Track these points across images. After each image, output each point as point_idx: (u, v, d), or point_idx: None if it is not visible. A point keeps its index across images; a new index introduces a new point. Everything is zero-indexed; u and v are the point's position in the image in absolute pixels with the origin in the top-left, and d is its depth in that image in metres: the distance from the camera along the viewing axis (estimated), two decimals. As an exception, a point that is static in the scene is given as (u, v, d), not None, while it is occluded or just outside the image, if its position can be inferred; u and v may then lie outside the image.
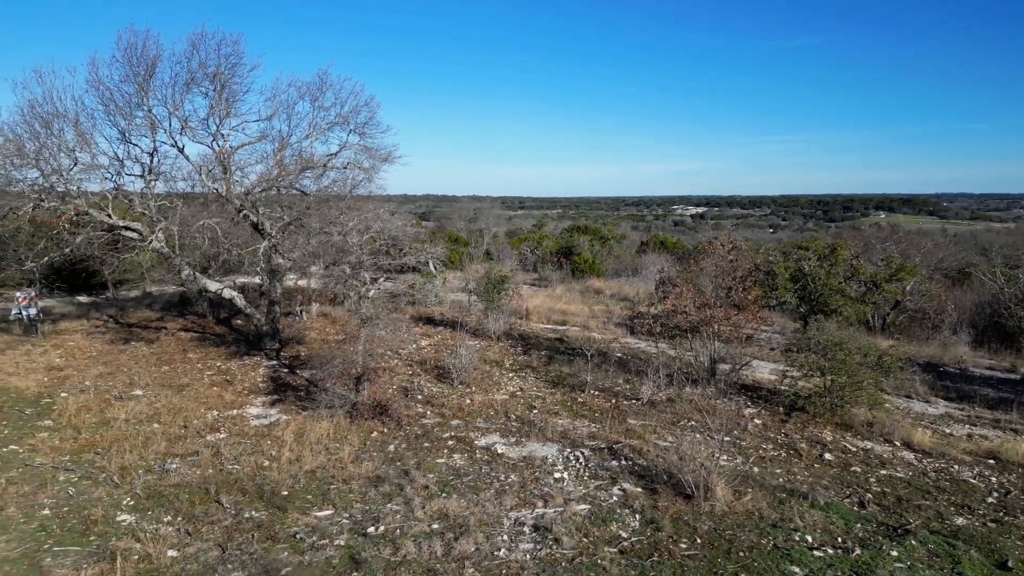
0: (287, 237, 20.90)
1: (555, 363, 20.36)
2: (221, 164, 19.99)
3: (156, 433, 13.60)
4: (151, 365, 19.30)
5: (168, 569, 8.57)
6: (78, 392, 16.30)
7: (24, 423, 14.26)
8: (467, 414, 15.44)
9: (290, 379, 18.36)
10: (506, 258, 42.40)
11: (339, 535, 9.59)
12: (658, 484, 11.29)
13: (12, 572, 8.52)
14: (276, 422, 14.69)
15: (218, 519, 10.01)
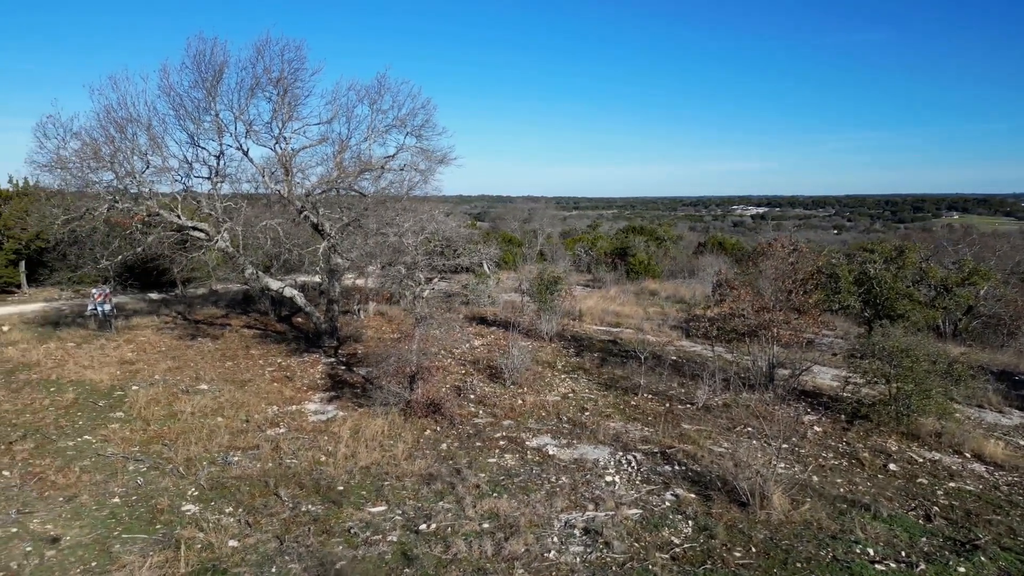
0: (346, 237, 21.35)
1: (608, 365, 20.20)
2: (283, 166, 20.58)
3: (220, 427, 14.11)
4: (216, 361, 20.01)
5: (229, 559, 8.87)
6: (148, 386, 17.03)
7: (97, 414, 14.99)
8: (519, 415, 15.48)
9: (347, 376, 18.75)
10: (560, 259, 42.28)
11: (392, 531, 9.75)
12: (712, 491, 11.08)
13: (85, 557, 8.97)
14: (333, 418, 15.03)
15: (277, 512, 10.31)
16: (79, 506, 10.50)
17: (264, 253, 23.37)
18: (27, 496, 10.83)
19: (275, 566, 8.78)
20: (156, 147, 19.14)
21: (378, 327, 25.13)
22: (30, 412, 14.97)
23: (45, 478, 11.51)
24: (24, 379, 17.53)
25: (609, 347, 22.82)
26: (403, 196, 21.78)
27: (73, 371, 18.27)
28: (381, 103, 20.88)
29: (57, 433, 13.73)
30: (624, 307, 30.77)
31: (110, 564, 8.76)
